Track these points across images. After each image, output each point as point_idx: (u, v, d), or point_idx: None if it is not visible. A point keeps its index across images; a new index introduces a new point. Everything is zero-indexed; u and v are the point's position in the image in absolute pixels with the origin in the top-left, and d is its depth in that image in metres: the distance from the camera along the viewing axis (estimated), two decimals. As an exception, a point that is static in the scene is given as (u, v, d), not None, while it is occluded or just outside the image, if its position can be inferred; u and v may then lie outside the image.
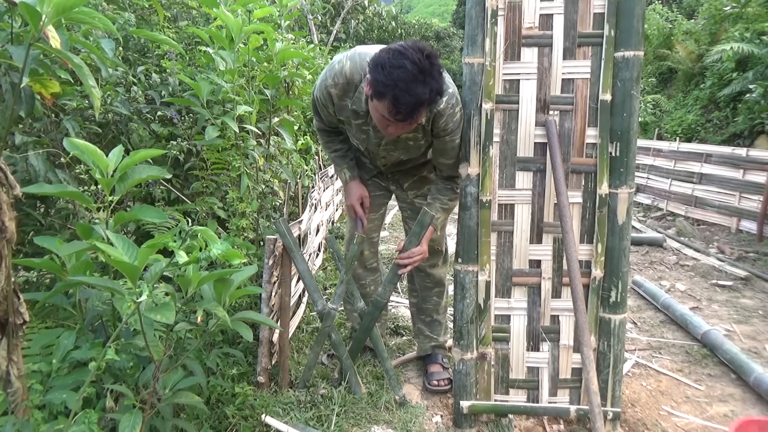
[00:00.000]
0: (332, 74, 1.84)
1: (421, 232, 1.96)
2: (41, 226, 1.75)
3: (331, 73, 1.84)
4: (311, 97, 2.03)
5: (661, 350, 2.73)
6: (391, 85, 1.55)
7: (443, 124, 1.82)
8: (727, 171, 5.46)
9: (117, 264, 1.18)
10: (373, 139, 1.96)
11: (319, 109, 2.01)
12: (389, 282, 2.05)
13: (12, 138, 1.58)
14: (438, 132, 1.86)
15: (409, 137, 1.93)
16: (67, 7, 1.17)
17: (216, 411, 1.84)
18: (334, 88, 1.84)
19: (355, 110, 1.87)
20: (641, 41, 1.78)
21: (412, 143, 1.97)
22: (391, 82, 1.55)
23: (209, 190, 2.27)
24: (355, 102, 1.84)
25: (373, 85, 1.60)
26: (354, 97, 1.84)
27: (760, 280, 3.81)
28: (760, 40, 6.42)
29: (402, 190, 2.25)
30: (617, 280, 1.87)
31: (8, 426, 1.15)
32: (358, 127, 1.95)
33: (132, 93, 2.11)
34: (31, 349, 1.39)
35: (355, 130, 1.98)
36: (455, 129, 1.85)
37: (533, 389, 1.99)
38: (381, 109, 1.64)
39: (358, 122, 1.92)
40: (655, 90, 9.11)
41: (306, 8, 5.89)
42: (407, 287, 2.59)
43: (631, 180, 1.84)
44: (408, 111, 1.59)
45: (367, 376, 2.25)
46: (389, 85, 1.55)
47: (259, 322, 1.66)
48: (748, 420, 1.75)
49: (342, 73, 1.81)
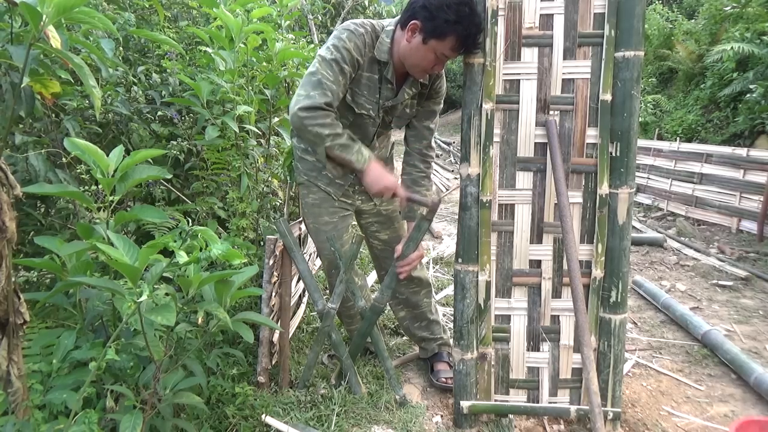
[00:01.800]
0: (357, 25, 1.80)
1: (418, 236, 1.95)
2: (41, 226, 1.76)
3: (353, 26, 1.80)
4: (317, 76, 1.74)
5: (661, 350, 2.73)
6: (458, 21, 1.68)
7: (438, 85, 2.00)
8: (728, 171, 5.45)
9: (117, 264, 1.18)
10: (382, 99, 1.92)
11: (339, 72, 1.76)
12: (387, 287, 2.05)
13: (12, 138, 1.58)
14: (432, 94, 2.01)
15: (407, 103, 1.98)
16: (68, 7, 1.17)
17: (216, 411, 1.84)
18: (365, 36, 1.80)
19: (374, 58, 1.85)
20: (641, 41, 1.78)
21: (408, 109, 2.02)
22: (458, 18, 1.67)
23: (209, 190, 2.27)
24: (378, 50, 1.84)
25: (436, 25, 1.69)
26: (378, 45, 1.84)
27: (761, 280, 3.81)
28: (761, 40, 6.41)
29: (369, 200, 2.12)
30: (617, 280, 1.87)
31: (8, 426, 1.15)
32: (369, 86, 1.88)
33: (132, 93, 2.11)
34: (31, 349, 1.40)
35: (365, 90, 1.88)
36: (443, 91, 2.04)
37: (533, 389, 1.99)
38: (441, 48, 1.74)
39: (369, 75, 1.87)
40: (655, 90, 9.10)
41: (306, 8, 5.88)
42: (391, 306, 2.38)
43: (632, 180, 1.83)
44: (474, 42, 1.76)
45: (367, 376, 2.25)
46: (457, 21, 1.68)
47: (259, 322, 1.66)
48: (748, 420, 1.76)
49: (363, 24, 1.82)
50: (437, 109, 2.05)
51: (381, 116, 1.97)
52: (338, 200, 2.05)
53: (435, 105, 2.05)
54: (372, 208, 2.17)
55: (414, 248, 1.97)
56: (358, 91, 1.89)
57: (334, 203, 2.04)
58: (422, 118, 2.05)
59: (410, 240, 1.96)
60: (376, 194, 1.89)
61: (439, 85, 2.01)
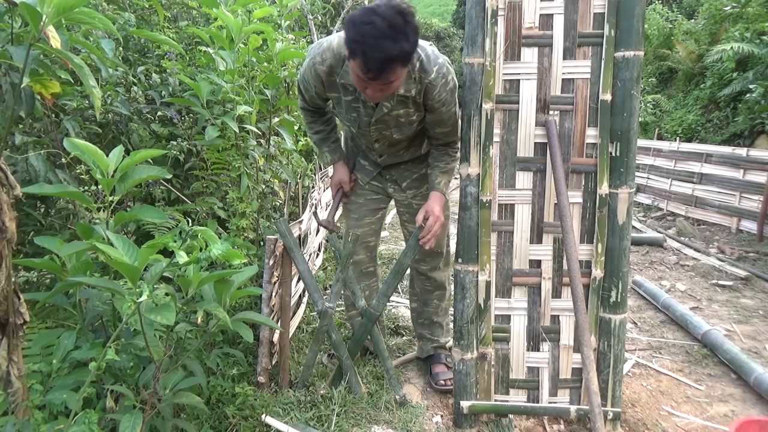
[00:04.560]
0: (320, 51, 1.83)
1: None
2: (41, 226, 1.76)
3: (318, 50, 1.84)
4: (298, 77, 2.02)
5: (661, 350, 2.73)
6: (360, 41, 1.54)
7: (437, 95, 1.81)
8: (728, 171, 5.46)
9: (117, 264, 1.18)
10: (364, 117, 1.93)
11: (303, 89, 1.99)
12: (383, 295, 2.05)
13: (12, 138, 1.58)
14: (432, 105, 1.85)
15: (400, 113, 1.90)
16: (68, 8, 1.17)
17: (216, 411, 1.84)
18: (322, 65, 1.83)
19: (344, 84, 1.85)
20: (641, 41, 1.78)
21: (404, 120, 1.92)
22: (360, 37, 1.54)
23: (209, 190, 2.27)
24: (344, 76, 1.83)
25: (346, 43, 1.60)
26: (342, 71, 1.83)
27: (761, 280, 3.81)
28: (761, 40, 6.41)
29: (401, 190, 2.22)
30: (617, 280, 1.87)
31: (8, 426, 1.15)
32: (348, 105, 1.92)
33: (132, 93, 2.11)
34: (31, 350, 1.40)
35: (346, 109, 1.95)
36: (450, 99, 1.84)
37: (533, 389, 1.99)
38: (355, 69, 1.63)
39: (348, 99, 1.90)
40: (655, 90, 9.10)
41: (306, 8, 5.88)
42: (408, 290, 2.56)
43: (632, 180, 1.84)
44: (378, 67, 1.57)
45: (367, 376, 2.25)
46: (359, 41, 1.55)
47: (259, 322, 1.66)
48: (748, 420, 1.76)
49: (329, 49, 1.81)
50: (445, 117, 1.90)
51: (374, 129, 1.97)
52: (367, 184, 2.24)
53: (439, 115, 1.90)
54: (404, 199, 2.24)
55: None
56: (344, 113, 1.98)
57: (364, 187, 2.25)
58: (432, 125, 1.96)
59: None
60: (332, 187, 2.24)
61: (436, 96, 1.82)
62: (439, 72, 1.77)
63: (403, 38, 1.55)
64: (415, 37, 1.59)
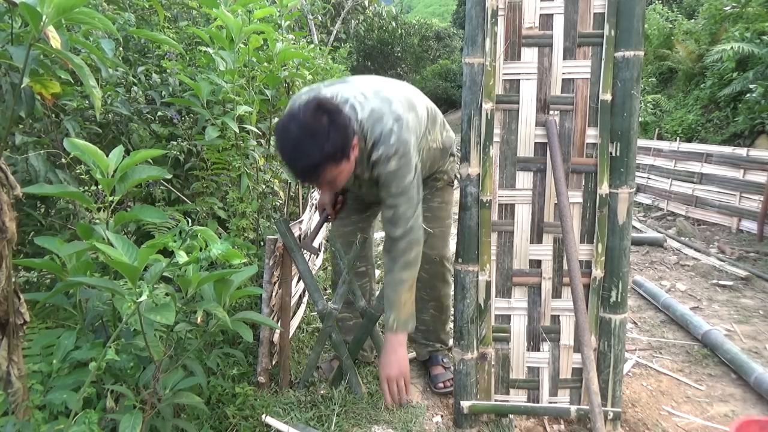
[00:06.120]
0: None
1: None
2: (41, 226, 1.76)
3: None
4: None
5: (661, 350, 2.73)
6: (282, 151, 1.56)
7: (376, 173, 1.70)
8: (728, 171, 5.45)
9: (117, 264, 1.18)
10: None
11: None
12: (383, 296, 2.04)
13: (12, 138, 1.58)
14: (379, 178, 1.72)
15: (362, 183, 1.85)
16: (68, 8, 1.17)
17: (216, 411, 1.84)
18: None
19: None
20: (641, 41, 1.78)
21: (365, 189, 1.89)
22: (281, 147, 1.55)
23: (209, 191, 2.27)
24: None
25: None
26: None
27: (761, 280, 3.81)
28: (761, 40, 6.40)
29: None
30: (618, 280, 1.87)
31: (9, 426, 1.15)
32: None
33: (132, 93, 2.11)
34: (31, 350, 1.40)
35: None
36: (391, 181, 1.68)
37: (533, 389, 1.99)
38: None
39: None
40: (655, 90, 9.10)
41: (306, 8, 5.89)
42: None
43: (632, 180, 1.84)
44: (303, 175, 1.58)
45: (367, 376, 2.25)
46: (281, 150, 1.56)
47: (259, 322, 1.66)
48: (748, 420, 1.76)
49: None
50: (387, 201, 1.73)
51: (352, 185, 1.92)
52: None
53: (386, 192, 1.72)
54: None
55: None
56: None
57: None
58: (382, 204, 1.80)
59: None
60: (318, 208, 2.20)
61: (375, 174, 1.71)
62: (384, 152, 1.65)
63: (324, 140, 1.49)
64: (341, 135, 1.52)
